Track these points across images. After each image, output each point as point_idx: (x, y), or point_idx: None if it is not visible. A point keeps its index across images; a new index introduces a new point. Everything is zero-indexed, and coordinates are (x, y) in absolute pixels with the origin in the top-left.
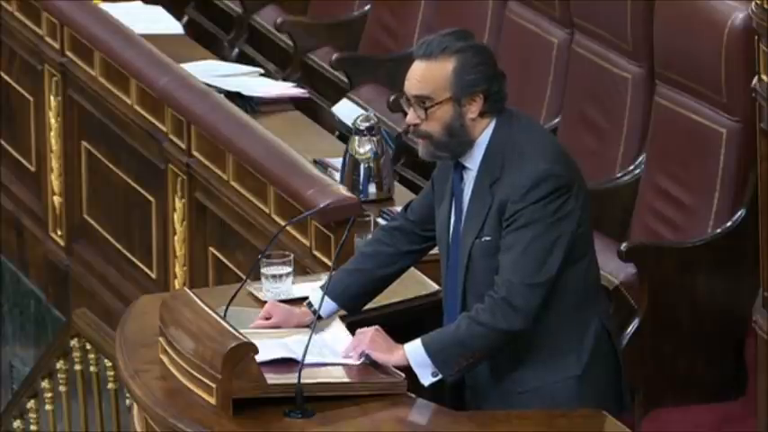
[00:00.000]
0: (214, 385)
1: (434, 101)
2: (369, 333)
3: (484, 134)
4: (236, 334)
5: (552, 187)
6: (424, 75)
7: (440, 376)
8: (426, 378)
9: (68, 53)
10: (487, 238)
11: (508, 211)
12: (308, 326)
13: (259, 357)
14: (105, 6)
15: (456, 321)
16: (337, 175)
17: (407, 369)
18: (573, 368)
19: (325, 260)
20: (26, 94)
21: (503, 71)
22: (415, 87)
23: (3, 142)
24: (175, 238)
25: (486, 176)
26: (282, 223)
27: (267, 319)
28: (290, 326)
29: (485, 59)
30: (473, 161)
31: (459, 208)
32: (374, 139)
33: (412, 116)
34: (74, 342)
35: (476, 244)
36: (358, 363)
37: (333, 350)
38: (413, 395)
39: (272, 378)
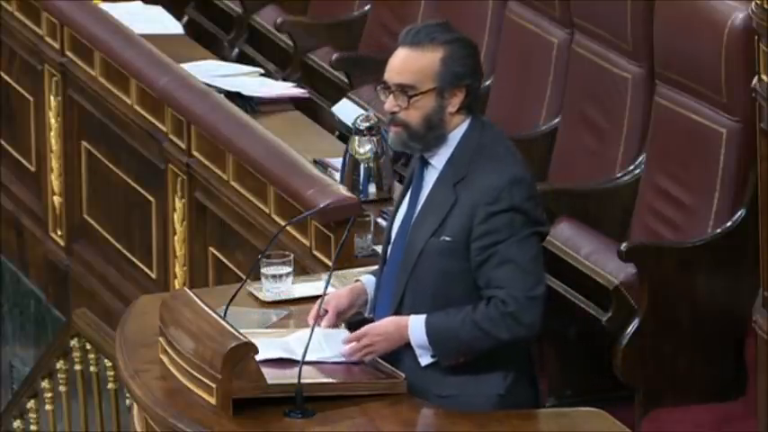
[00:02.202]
0: (214, 385)
1: (418, 90)
2: (369, 336)
3: (456, 131)
4: (236, 334)
5: (527, 193)
6: (411, 63)
7: (437, 359)
8: (426, 359)
9: (68, 53)
10: (447, 239)
11: (481, 213)
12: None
13: (258, 357)
14: (105, 6)
15: (461, 317)
16: (337, 175)
17: None
18: (497, 386)
19: (326, 260)
20: (26, 94)
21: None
22: (400, 76)
23: (3, 142)
24: (175, 238)
25: (452, 174)
26: (282, 223)
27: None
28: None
29: (471, 53)
30: (439, 158)
31: (414, 203)
32: (374, 139)
33: (391, 103)
34: (74, 342)
35: (431, 242)
36: (358, 361)
37: (331, 347)
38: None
39: (272, 378)
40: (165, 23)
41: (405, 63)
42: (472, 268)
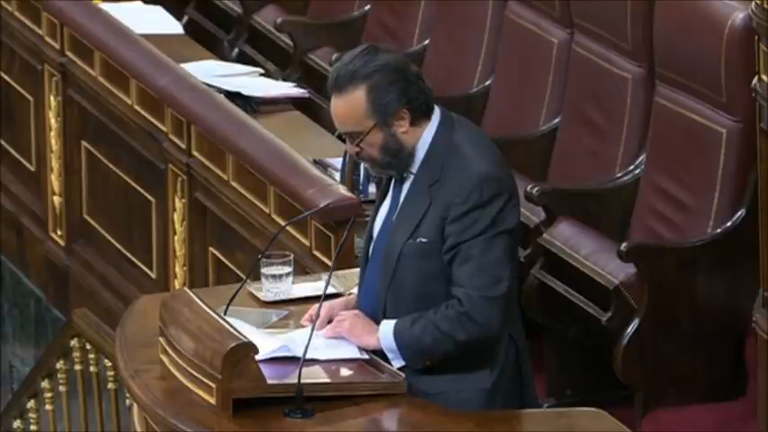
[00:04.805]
0: (214, 385)
1: (362, 133)
2: (349, 317)
3: (423, 139)
4: (236, 334)
5: (496, 191)
6: (342, 112)
7: (406, 363)
8: (398, 362)
9: (68, 53)
10: (423, 240)
11: (452, 212)
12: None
13: (258, 356)
14: (105, 6)
15: (422, 322)
16: (337, 175)
17: None
18: (485, 381)
19: (326, 260)
20: (26, 94)
21: (415, 72)
22: (341, 125)
23: (3, 142)
24: (175, 238)
25: (426, 178)
26: (282, 223)
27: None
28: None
29: (395, 76)
30: (414, 165)
31: (396, 203)
32: None
33: (350, 148)
34: (74, 342)
35: (408, 244)
36: (358, 358)
37: (328, 343)
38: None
39: (272, 378)
40: (165, 23)
41: (338, 113)
42: (446, 267)
